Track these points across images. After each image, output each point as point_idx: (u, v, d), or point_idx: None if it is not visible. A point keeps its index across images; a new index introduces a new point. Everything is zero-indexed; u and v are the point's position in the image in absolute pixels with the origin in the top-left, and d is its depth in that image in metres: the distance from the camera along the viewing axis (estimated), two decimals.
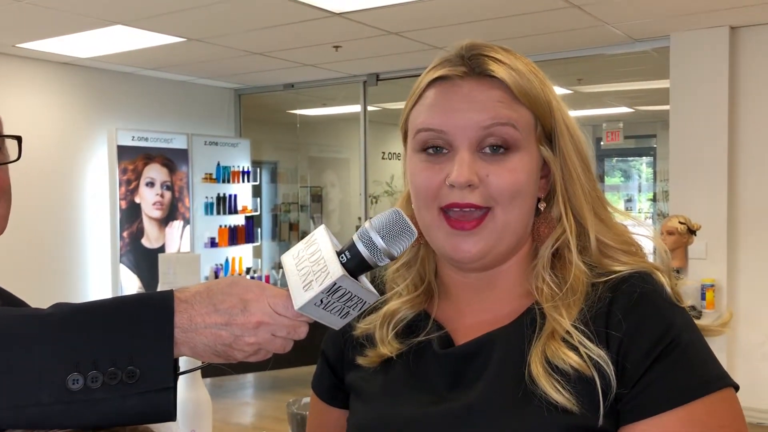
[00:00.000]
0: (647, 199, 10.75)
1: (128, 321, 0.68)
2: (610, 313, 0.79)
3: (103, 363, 0.66)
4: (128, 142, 6.20)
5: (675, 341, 0.76)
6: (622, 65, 5.99)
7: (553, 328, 0.80)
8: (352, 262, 0.74)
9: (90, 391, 0.65)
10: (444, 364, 0.86)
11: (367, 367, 0.91)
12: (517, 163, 0.83)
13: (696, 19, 4.60)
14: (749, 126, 4.76)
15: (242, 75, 6.62)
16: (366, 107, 6.75)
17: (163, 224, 6.54)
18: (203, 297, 0.72)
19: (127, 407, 0.66)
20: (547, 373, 0.77)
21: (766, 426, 4.58)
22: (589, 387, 0.76)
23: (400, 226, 0.75)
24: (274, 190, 8.85)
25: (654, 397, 0.74)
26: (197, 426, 1.57)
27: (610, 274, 0.83)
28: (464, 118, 0.82)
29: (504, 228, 0.83)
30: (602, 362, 0.76)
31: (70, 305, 0.70)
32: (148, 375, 0.67)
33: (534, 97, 0.84)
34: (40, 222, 5.74)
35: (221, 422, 4.77)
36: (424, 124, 0.84)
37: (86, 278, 6.10)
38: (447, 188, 0.82)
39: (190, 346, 0.70)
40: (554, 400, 0.75)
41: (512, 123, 0.82)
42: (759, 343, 4.72)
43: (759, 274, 4.74)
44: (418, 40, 5.09)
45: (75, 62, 5.80)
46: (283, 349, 0.75)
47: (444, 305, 0.92)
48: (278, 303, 0.73)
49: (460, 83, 0.84)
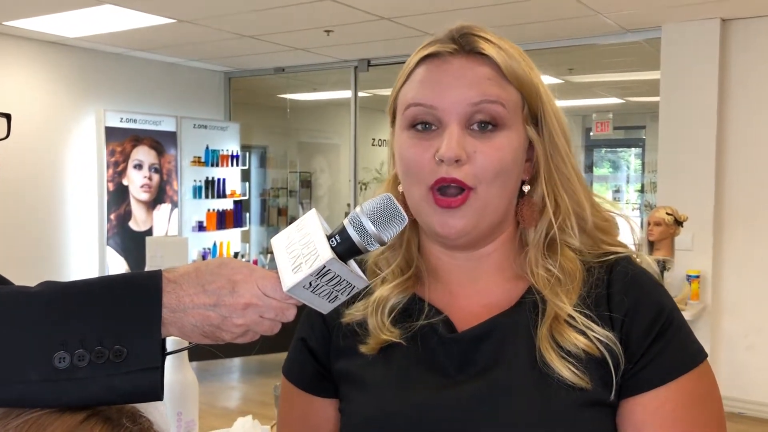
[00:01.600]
0: (635, 190, 10.80)
1: (116, 300, 0.68)
2: (609, 296, 0.85)
3: (90, 342, 0.65)
4: (116, 124, 6.15)
5: (668, 320, 0.83)
6: (613, 56, 5.99)
7: (556, 313, 0.83)
8: (342, 246, 0.74)
9: (76, 370, 0.65)
10: (451, 348, 0.86)
11: (366, 354, 0.90)
12: (504, 141, 0.84)
13: (687, 11, 4.61)
14: (738, 119, 4.79)
15: (233, 58, 6.57)
16: (357, 93, 6.73)
17: (151, 207, 6.50)
18: (192, 277, 0.71)
19: (114, 386, 0.66)
20: (559, 356, 0.81)
21: (748, 416, 4.65)
22: (598, 365, 0.81)
23: (391, 212, 0.76)
24: (263, 175, 8.82)
25: (654, 372, 0.81)
26: (183, 408, 1.57)
27: (598, 256, 0.88)
28: (454, 94, 0.83)
29: (486, 205, 0.85)
30: (611, 343, 0.81)
31: (59, 283, 0.70)
32: (135, 354, 0.66)
33: (522, 76, 0.86)
34: (26, 203, 5.70)
35: (207, 405, 4.77)
36: (414, 99, 0.86)
37: (72, 260, 6.07)
38: (436, 164, 0.83)
39: (178, 327, 0.70)
40: (570, 381, 0.80)
41: (501, 101, 0.84)
42: (742, 334, 4.78)
43: (744, 265, 4.79)
44: (410, 26, 5.07)
45: (63, 42, 5.73)
46: (271, 331, 0.75)
47: (435, 288, 0.92)
48: (267, 285, 0.72)
49: (450, 59, 0.85)
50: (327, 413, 0.95)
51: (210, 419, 4.10)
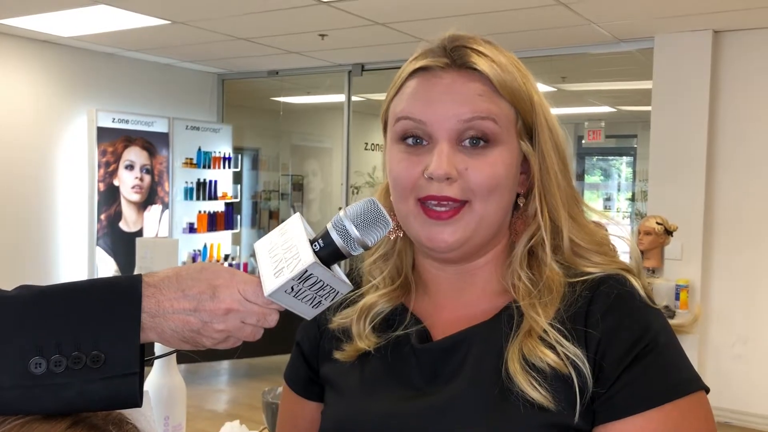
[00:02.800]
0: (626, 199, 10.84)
1: (94, 305, 0.66)
2: (588, 313, 0.79)
3: (66, 347, 0.64)
4: (108, 124, 6.13)
5: (652, 344, 0.77)
6: (606, 65, 6.03)
7: (531, 327, 0.79)
8: (325, 251, 0.73)
9: (53, 376, 0.63)
10: (422, 358, 0.85)
11: (343, 361, 0.90)
12: (497, 157, 0.82)
13: (680, 22, 4.64)
14: (728, 129, 4.82)
15: (226, 60, 6.56)
16: (350, 97, 6.73)
17: (142, 208, 6.48)
18: (172, 282, 0.70)
19: (91, 392, 0.64)
20: (524, 370, 0.77)
21: (734, 425, 4.67)
22: (565, 385, 0.76)
23: (374, 216, 0.74)
24: (255, 177, 8.80)
25: (630, 398, 0.75)
26: (171, 412, 1.56)
27: (584, 274, 0.83)
28: (444, 110, 0.81)
29: (481, 220, 0.83)
30: (578, 361, 0.76)
31: (36, 287, 0.68)
32: (113, 360, 0.65)
33: (515, 90, 0.83)
34: (16, 202, 5.66)
35: (195, 408, 4.75)
36: (404, 112, 0.84)
37: (62, 260, 6.04)
38: (425, 180, 0.82)
39: (158, 332, 0.69)
40: (530, 398, 0.76)
41: (492, 117, 0.81)
42: (730, 344, 4.80)
43: (732, 276, 4.82)
44: (405, 32, 5.08)
45: (56, 41, 5.71)
46: (253, 337, 0.73)
47: (422, 299, 0.91)
48: (248, 290, 0.71)
49: (441, 74, 0.83)
50: (315, 416, 0.95)
51: (198, 422, 4.08)
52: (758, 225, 4.73)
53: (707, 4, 4.24)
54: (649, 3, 4.24)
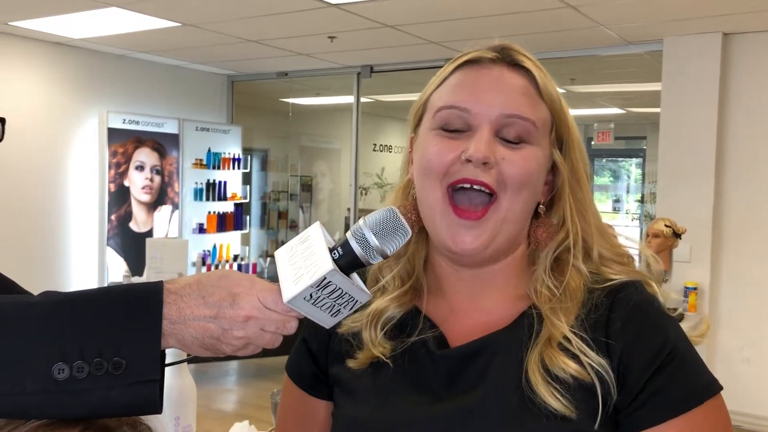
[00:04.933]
0: (635, 201, 10.81)
1: (116, 311, 0.67)
2: (609, 321, 0.81)
3: (89, 353, 0.65)
4: (119, 125, 6.17)
5: (673, 353, 0.79)
6: (616, 67, 6.02)
7: (551, 334, 0.80)
8: (344, 259, 0.73)
9: (75, 381, 0.64)
10: (440, 364, 0.85)
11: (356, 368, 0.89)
12: (532, 154, 0.84)
13: (689, 25, 4.63)
14: (738, 132, 4.81)
15: (236, 62, 6.59)
16: (359, 98, 6.75)
17: (152, 209, 6.52)
18: (193, 289, 0.71)
19: (112, 399, 0.65)
20: (545, 381, 0.77)
21: (743, 429, 4.65)
22: (587, 394, 0.77)
23: (394, 225, 0.75)
24: (264, 178, 8.83)
25: (656, 407, 0.77)
26: (181, 413, 1.59)
27: (605, 281, 0.85)
28: (490, 98, 0.83)
29: (505, 219, 0.83)
30: (603, 371, 0.78)
31: (59, 293, 0.69)
32: (134, 366, 0.66)
33: (554, 98, 0.87)
34: (28, 203, 5.71)
35: (204, 408, 4.78)
36: (447, 102, 0.85)
37: (73, 260, 6.08)
38: (460, 165, 0.82)
39: (178, 339, 0.70)
40: (552, 408, 0.76)
41: (533, 120, 0.84)
42: (739, 347, 4.79)
43: (741, 278, 4.80)
44: (413, 34, 5.09)
45: (68, 43, 5.76)
46: (272, 344, 0.74)
47: (435, 302, 0.91)
48: (268, 297, 0.72)
49: (490, 66, 0.86)
50: (321, 414, 0.95)
51: (207, 423, 4.11)
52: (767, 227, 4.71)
53: (716, 7, 4.24)
54: (658, 5, 4.23)
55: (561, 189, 0.88)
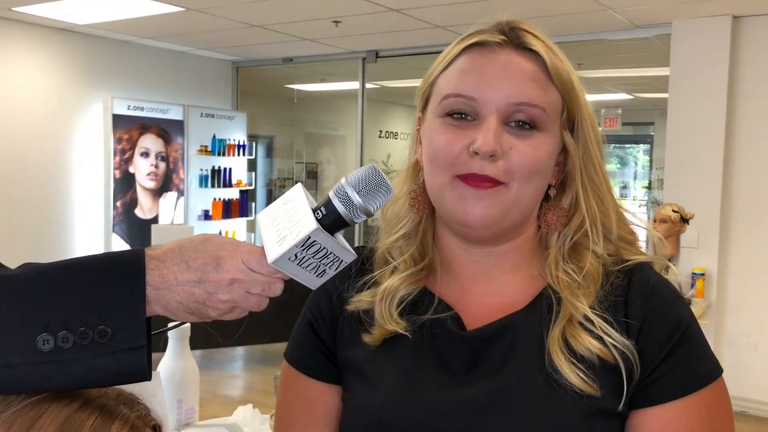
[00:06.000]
0: (642, 187, 10.77)
1: (99, 279, 0.67)
2: (627, 302, 0.82)
3: (73, 323, 0.64)
4: (124, 111, 6.16)
5: (685, 334, 0.81)
6: (623, 51, 5.96)
7: (571, 314, 0.81)
8: (327, 219, 0.72)
9: (61, 352, 0.64)
10: (461, 345, 0.84)
11: (369, 344, 0.87)
12: (541, 142, 0.82)
13: (698, 7, 4.58)
14: (747, 117, 4.76)
15: (241, 47, 6.57)
16: (364, 84, 6.71)
17: (157, 195, 6.52)
18: (175, 254, 0.70)
19: (99, 367, 0.65)
20: (568, 361, 0.78)
21: (749, 414, 4.64)
22: (611, 373, 0.79)
23: (376, 182, 0.74)
24: (269, 165, 8.82)
25: (668, 385, 0.79)
26: (184, 396, 1.58)
27: (622, 261, 0.86)
28: (498, 87, 0.81)
29: (516, 202, 0.82)
30: (627, 351, 0.79)
31: (39, 265, 0.68)
32: (119, 334, 0.65)
33: (566, 80, 0.84)
34: (33, 190, 5.72)
35: (209, 394, 4.80)
36: (454, 90, 0.83)
37: (78, 246, 6.09)
38: (467, 156, 0.81)
39: (163, 304, 0.69)
40: (578, 388, 0.77)
41: (542, 106, 0.82)
42: (746, 333, 4.77)
43: (749, 264, 4.77)
44: (419, 18, 5.05)
45: (72, 28, 5.74)
46: (258, 307, 0.73)
47: (446, 282, 0.90)
48: (252, 259, 0.71)
49: (497, 50, 0.83)
50: (329, 400, 0.92)
51: (211, 407, 4.12)
52: None
53: None
54: None
55: (572, 172, 0.86)
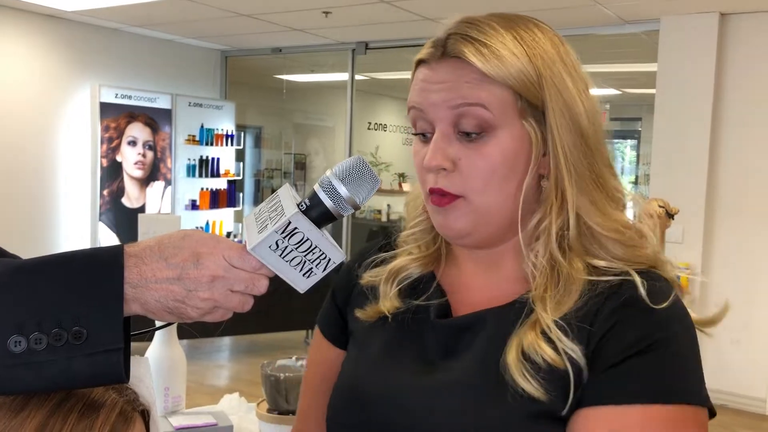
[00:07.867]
0: (629, 182, 10.82)
1: (74, 278, 0.64)
2: (598, 311, 0.77)
3: (46, 323, 0.61)
4: (111, 100, 6.12)
5: (658, 344, 0.74)
6: (612, 47, 5.99)
7: (536, 320, 0.78)
8: (313, 211, 0.71)
9: (34, 354, 0.61)
10: (438, 333, 0.86)
11: (364, 320, 0.92)
12: (493, 146, 0.80)
13: (687, 4, 4.60)
14: (733, 113, 4.80)
15: (230, 37, 6.53)
16: (354, 76, 6.70)
17: (144, 184, 6.49)
18: (154, 251, 0.68)
19: (74, 370, 0.62)
20: (519, 362, 0.76)
21: (729, 408, 4.70)
22: (560, 378, 0.75)
23: (361, 172, 0.73)
24: (257, 155, 8.80)
25: (620, 386, 0.73)
26: (171, 383, 1.59)
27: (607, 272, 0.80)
28: (436, 98, 0.81)
29: (486, 211, 0.81)
30: (576, 357, 0.75)
31: (13, 262, 0.65)
32: (95, 335, 0.62)
33: (510, 73, 0.78)
34: (18, 177, 5.67)
35: (195, 383, 4.80)
36: (410, 102, 0.86)
37: (63, 235, 6.06)
38: (426, 171, 0.83)
39: (141, 303, 0.66)
40: (521, 389, 0.75)
41: (481, 103, 0.79)
42: (729, 328, 4.81)
43: (733, 259, 4.82)
44: (409, 10, 5.04)
45: (59, 15, 5.68)
46: (242, 308, 0.71)
47: (450, 272, 0.92)
48: (233, 255, 0.69)
49: (435, 66, 0.83)
50: (337, 362, 0.96)
51: (198, 397, 4.12)
52: (761, 210, 4.72)
53: None
54: None
55: (551, 162, 0.81)
